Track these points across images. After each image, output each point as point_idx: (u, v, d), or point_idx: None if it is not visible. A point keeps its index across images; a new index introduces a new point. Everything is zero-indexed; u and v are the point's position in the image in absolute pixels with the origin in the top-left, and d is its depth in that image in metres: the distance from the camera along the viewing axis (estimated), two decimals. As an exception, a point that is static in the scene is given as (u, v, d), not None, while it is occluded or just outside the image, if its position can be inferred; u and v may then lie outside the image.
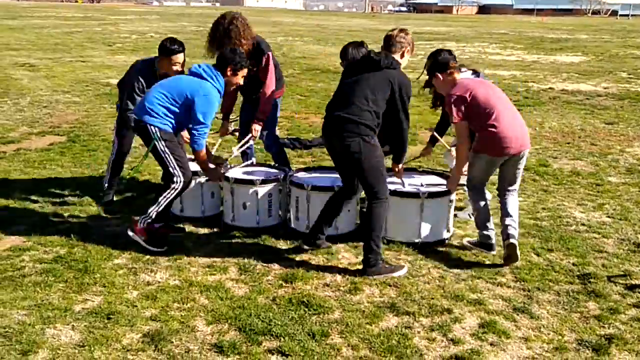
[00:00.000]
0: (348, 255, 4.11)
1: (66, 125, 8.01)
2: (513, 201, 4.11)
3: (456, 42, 22.76)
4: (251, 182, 4.45)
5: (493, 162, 4.03)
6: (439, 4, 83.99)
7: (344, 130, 3.74)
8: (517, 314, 3.39)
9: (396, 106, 3.79)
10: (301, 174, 4.74)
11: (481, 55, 18.22)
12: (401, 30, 4.01)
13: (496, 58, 17.42)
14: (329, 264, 3.98)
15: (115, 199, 5.06)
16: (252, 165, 4.88)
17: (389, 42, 3.96)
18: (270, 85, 4.77)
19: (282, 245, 4.26)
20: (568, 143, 7.47)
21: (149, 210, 4.08)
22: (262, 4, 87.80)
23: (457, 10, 79.22)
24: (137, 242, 4.06)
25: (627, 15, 57.28)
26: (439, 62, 4.06)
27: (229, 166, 4.75)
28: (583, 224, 4.77)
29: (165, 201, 4.09)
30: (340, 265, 3.96)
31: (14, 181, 5.57)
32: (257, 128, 4.80)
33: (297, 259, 4.04)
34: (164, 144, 4.03)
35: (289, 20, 39.33)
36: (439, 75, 4.04)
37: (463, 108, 3.92)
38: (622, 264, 4.06)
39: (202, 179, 4.65)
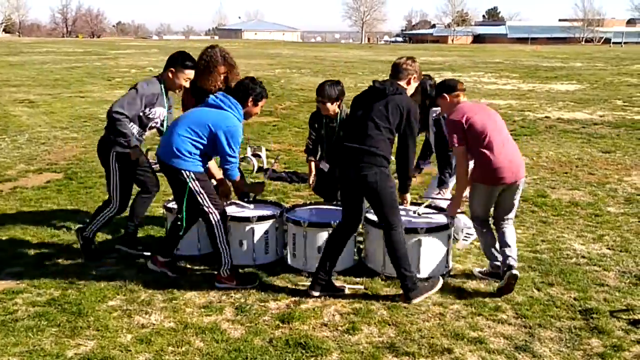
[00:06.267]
0: (346, 293, 4.04)
1: (63, 162, 8.01)
2: (510, 231, 4.15)
3: (452, 71, 23.00)
4: (247, 220, 4.42)
5: (491, 192, 4.06)
6: (434, 34, 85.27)
7: (361, 161, 3.77)
8: (519, 353, 3.32)
9: (405, 132, 3.82)
10: (298, 210, 4.71)
11: (477, 84, 18.39)
12: (408, 58, 4.05)
13: (492, 87, 17.58)
14: (327, 302, 3.92)
15: (110, 237, 5.02)
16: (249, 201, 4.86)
17: (396, 69, 4.00)
18: None
19: (280, 283, 4.21)
20: (566, 173, 7.47)
21: (222, 260, 4.06)
22: (260, 37, 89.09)
23: (452, 40, 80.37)
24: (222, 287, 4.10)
25: (620, 42, 58.09)
26: (447, 84, 4.22)
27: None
28: (583, 257, 4.72)
29: (223, 241, 4.05)
30: (338, 304, 3.90)
31: (9, 221, 5.53)
32: None
33: (295, 297, 3.98)
34: (198, 185, 3.98)
35: (286, 52, 39.83)
36: (446, 96, 4.15)
37: (460, 133, 3.99)
38: (624, 297, 4.00)
39: (198, 217, 4.62)
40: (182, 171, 3.94)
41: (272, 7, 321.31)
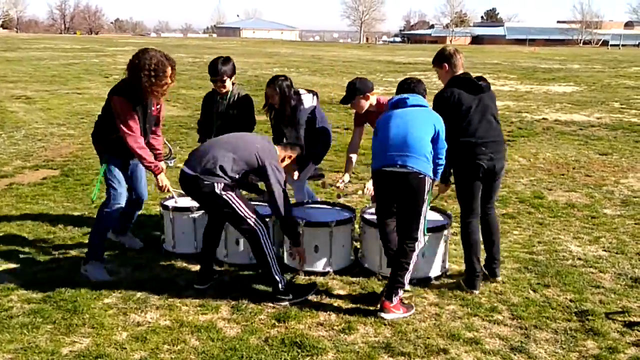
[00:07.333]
0: (343, 292, 4.05)
1: (60, 158, 7.99)
2: None
3: (450, 72, 22.97)
4: (244, 218, 4.40)
5: None
6: (432, 35, 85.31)
7: (495, 151, 4.00)
8: (515, 354, 3.33)
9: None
10: (295, 210, 4.69)
11: (475, 85, 18.38)
12: (456, 51, 4.48)
13: (490, 88, 17.57)
14: (323, 301, 3.92)
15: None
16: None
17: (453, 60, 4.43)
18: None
19: (276, 282, 4.19)
20: (563, 174, 7.48)
21: (400, 281, 3.67)
22: (259, 35, 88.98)
23: (451, 41, 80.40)
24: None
25: (618, 45, 58.24)
26: (369, 83, 4.52)
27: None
28: (579, 258, 4.73)
29: (412, 263, 3.71)
30: (334, 303, 3.89)
31: (4, 217, 5.51)
32: None
33: (291, 296, 3.97)
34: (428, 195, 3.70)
35: (285, 51, 39.81)
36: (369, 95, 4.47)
37: None
38: (620, 299, 4.01)
39: (196, 215, 4.61)
40: (427, 178, 3.65)
41: (270, 5, 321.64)
